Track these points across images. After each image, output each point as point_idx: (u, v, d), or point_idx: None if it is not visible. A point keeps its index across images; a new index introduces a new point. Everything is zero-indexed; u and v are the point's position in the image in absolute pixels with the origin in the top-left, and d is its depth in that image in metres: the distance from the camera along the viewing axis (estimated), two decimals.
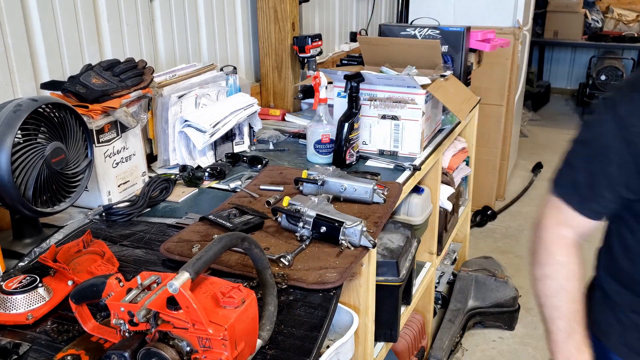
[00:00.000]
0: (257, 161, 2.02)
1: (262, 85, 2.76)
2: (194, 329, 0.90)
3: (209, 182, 1.88)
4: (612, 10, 7.04)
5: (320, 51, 2.71)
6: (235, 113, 2.05)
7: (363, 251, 1.40)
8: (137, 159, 1.79)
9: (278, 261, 1.33)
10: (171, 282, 0.88)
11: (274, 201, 1.64)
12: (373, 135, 2.12)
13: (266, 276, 1.12)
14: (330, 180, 1.64)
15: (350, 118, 1.95)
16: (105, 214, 1.59)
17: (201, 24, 2.40)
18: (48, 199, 1.40)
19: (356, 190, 1.62)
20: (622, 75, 6.38)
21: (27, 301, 1.15)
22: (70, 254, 1.30)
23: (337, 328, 1.43)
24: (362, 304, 1.53)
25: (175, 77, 2.00)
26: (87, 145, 1.51)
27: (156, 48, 2.18)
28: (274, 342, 1.08)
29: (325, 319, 1.16)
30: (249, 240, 1.07)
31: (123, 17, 1.98)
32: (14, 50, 1.61)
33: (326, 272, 1.29)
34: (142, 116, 1.77)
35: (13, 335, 1.11)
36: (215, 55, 2.50)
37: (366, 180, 1.66)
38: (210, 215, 1.54)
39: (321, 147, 2.04)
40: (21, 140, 1.32)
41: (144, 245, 1.46)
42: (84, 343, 1.06)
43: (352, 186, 1.62)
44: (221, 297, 0.94)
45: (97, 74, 1.63)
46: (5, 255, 1.36)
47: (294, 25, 2.64)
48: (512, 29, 3.85)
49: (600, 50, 6.94)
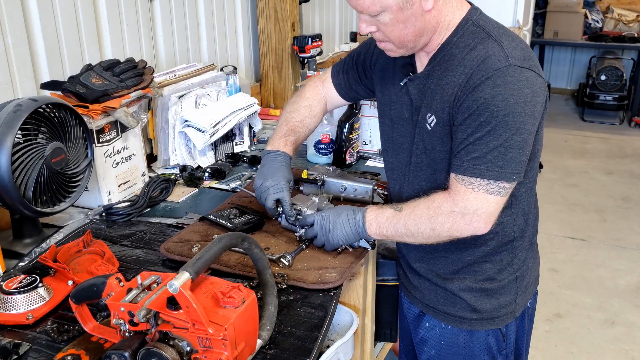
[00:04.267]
0: (257, 161, 2.01)
1: (262, 85, 2.76)
2: (194, 328, 0.90)
3: (209, 182, 1.88)
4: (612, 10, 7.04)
5: (321, 51, 2.71)
6: (235, 113, 2.05)
7: (363, 251, 1.40)
8: (137, 159, 1.79)
9: (278, 261, 1.33)
10: (171, 282, 0.88)
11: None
12: (373, 135, 2.12)
13: (266, 276, 1.12)
14: (330, 180, 1.64)
15: (350, 118, 1.95)
16: (105, 214, 1.60)
17: (201, 24, 2.40)
18: (48, 199, 1.40)
19: (356, 190, 1.62)
20: (622, 75, 6.38)
21: (27, 301, 1.15)
22: (71, 254, 1.30)
23: (337, 328, 1.43)
24: (362, 304, 1.53)
25: (175, 77, 2.00)
26: (87, 145, 1.51)
27: (156, 48, 2.18)
28: (274, 342, 1.08)
29: (325, 319, 1.16)
30: (249, 240, 1.07)
31: (123, 17, 1.98)
32: (14, 50, 1.61)
33: (326, 272, 1.29)
34: (142, 116, 1.77)
35: (13, 335, 1.11)
36: (215, 55, 2.50)
37: (366, 180, 1.66)
38: (210, 215, 1.54)
39: (321, 147, 2.03)
40: (21, 141, 1.32)
41: (144, 245, 1.46)
42: (84, 343, 1.06)
43: (352, 186, 1.62)
44: (221, 297, 0.94)
45: (97, 74, 1.63)
46: (5, 255, 1.36)
47: (294, 25, 2.64)
48: (512, 28, 3.84)
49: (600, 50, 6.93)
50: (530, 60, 1.18)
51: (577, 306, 3.19)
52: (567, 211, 4.35)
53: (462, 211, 1.21)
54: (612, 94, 6.40)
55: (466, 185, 1.20)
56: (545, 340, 1.47)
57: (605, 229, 4.08)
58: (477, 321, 1.39)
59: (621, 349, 2.85)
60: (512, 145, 1.16)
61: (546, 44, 7.04)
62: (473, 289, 1.37)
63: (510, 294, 1.38)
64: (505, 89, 1.13)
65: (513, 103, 1.13)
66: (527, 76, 1.15)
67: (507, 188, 1.21)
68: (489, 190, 1.19)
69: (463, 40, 1.22)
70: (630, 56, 6.71)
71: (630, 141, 5.96)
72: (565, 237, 3.95)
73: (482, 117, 1.15)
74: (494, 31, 1.21)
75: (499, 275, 1.37)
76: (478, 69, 1.16)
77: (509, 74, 1.14)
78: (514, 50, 1.17)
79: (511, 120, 1.14)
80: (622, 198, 4.60)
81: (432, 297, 1.43)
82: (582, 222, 4.20)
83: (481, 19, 1.24)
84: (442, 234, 1.24)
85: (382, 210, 1.31)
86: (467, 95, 1.17)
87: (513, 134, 1.15)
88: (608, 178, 5.01)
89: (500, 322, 1.39)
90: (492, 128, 1.15)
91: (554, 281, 3.41)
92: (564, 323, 3.04)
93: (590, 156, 5.53)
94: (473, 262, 1.36)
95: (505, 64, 1.15)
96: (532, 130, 1.18)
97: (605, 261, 3.66)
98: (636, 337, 2.94)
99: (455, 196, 1.22)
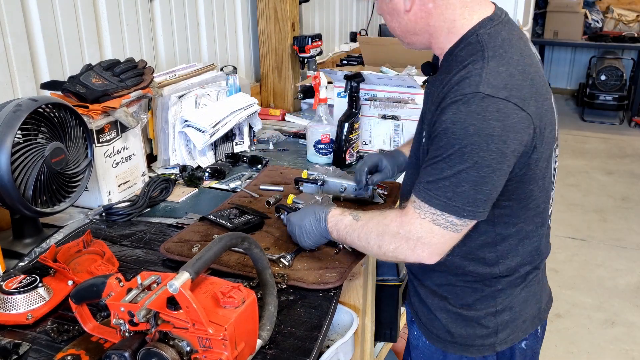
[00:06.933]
0: (257, 161, 2.02)
1: (262, 85, 2.76)
2: (194, 329, 0.90)
3: (209, 182, 1.88)
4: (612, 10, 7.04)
5: (320, 51, 2.71)
6: (235, 113, 2.05)
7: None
8: (137, 159, 1.79)
9: (278, 261, 1.33)
10: (171, 282, 0.88)
11: (275, 201, 1.64)
12: (373, 135, 2.12)
13: (266, 276, 1.12)
14: (330, 180, 1.64)
15: (350, 118, 1.95)
16: (105, 214, 1.59)
17: (201, 24, 2.40)
18: (48, 199, 1.40)
19: (356, 190, 1.62)
20: (622, 75, 6.38)
21: (27, 301, 1.15)
22: (70, 254, 1.30)
23: (337, 328, 1.43)
24: (362, 304, 1.53)
25: (175, 77, 2.00)
26: (87, 145, 1.51)
27: (156, 48, 2.18)
28: (274, 342, 1.08)
29: (325, 319, 1.16)
30: (249, 240, 1.07)
31: (123, 17, 1.98)
32: (14, 50, 1.61)
33: (326, 272, 1.29)
34: (142, 116, 1.77)
35: (13, 335, 1.11)
36: (215, 55, 2.50)
37: None
38: (210, 215, 1.54)
39: (321, 147, 2.03)
40: (21, 140, 1.32)
41: (144, 245, 1.46)
42: (84, 343, 1.06)
43: (352, 186, 1.62)
44: (221, 297, 0.94)
45: (97, 74, 1.63)
46: (5, 255, 1.36)
47: (294, 25, 2.64)
48: None
49: (600, 50, 6.93)
50: (515, 90, 1.05)
51: (577, 306, 3.19)
52: (567, 211, 4.35)
53: (406, 235, 1.13)
54: (612, 94, 6.40)
55: (415, 208, 1.12)
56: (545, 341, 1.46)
57: (605, 229, 4.08)
58: (450, 344, 1.32)
59: (621, 349, 2.85)
60: (465, 179, 1.05)
61: (546, 44, 7.04)
62: (449, 311, 1.30)
63: (487, 327, 1.28)
64: (467, 117, 1.03)
65: (473, 134, 1.03)
66: (499, 107, 1.03)
67: (456, 224, 1.10)
68: (435, 221, 1.10)
69: (462, 54, 1.12)
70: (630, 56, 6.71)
71: (630, 141, 5.97)
72: (565, 237, 3.95)
73: (441, 142, 1.07)
74: (490, 50, 1.09)
75: (476, 304, 1.28)
76: (451, 91, 1.08)
77: (475, 102, 1.03)
78: (496, 76, 1.05)
79: (469, 152, 1.03)
80: (622, 198, 4.60)
81: (418, 307, 1.38)
82: (582, 222, 4.20)
83: (489, 33, 1.12)
84: (387, 253, 1.17)
85: (342, 217, 1.27)
86: (438, 117, 1.09)
87: (469, 168, 1.04)
88: (608, 178, 5.01)
89: (475, 351, 1.30)
90: (447, 155, 1.06)
91: (554, 281, 3.40)
92: (564, 323, 3.05)
93: (590, 156, 5.53)
94: (454, 283, 1.29)
95: (474, 90, 1.04)
96: (496, 168, 1.05)
97: (605, 261, 3.66)
98: (636, 337, 2.94)
99: (403, 217, 1.14)
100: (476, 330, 1.29)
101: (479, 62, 1.07)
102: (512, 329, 1.30)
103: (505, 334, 1.29)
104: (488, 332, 1.29)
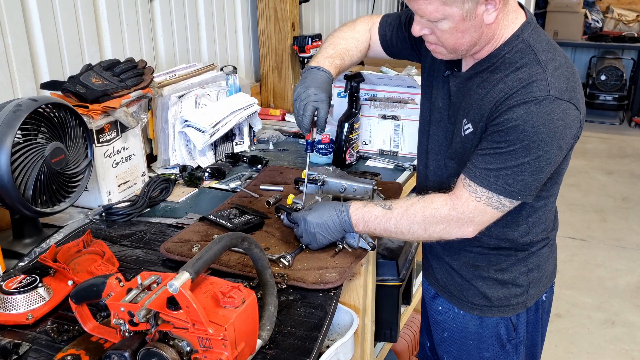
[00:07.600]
0: (257, 161, 2.02)
1: (262, 85, 2.76)
2: (194, 329, 0.90)
3: (209, 182, 1.88)
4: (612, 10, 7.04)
5: None
6: (235, 113, 2.04)
7: (363, 252, 1.40)
8: (137, 159, 1.79)
9: (278, 261, 1.33)
10: (171, 282, 0.88)
11: (275, 201, 1.64)
12: (373, 135, 2.12)
13: (266, 276, 1.12)
14: (330, 180, 1.64)
15: (350, 118, 1.95)
16: (105, 214, 1.59)
17: (201, 24, 2.40)
18: (48, 199, 1.40)
19: (356, 190, 1.62)
20: (622, 75, 6.39)
21: (27, 301, 1.15)
22: (70, 254, 1.30)
23: (337, 328, 1.43)
24: (362, 304, 1.53)
25: (175, 77, 2.00)
26: (87, 145, 1.51)
27: (156, 48, 2.18)
28: (274, 342, 1.08)
29: (325, 319, 1.16)
30: (249, 240, 1.07)
31: (123, 17, 1.98)
32: (14, 50, 1.61)
33: (326, 272, 1.29)
34: (142, 116, 1.77)
35: (13, 335, 1.11)
36: (215, 55, 2.50)
37: (366, 180, 1.65)
38: (210, 215, 1.54)
39: (321, 147, 2.03)
40: (21, 140, 1.32)
41: (144, 245, 1.46)
42: (84, 343, 1.06)
43: (352, 186, 1.62)
44: (221, 297, 0.94)
45: (97, 74, 1.63)
46: (5, 255, 1.36)
47: (294, 25, 2.64)
48: None
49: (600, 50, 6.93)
50: (572, 91, 1.18)
51: (577, 306, 3.19)
52: (567, 211, 4.35)
53: (458, 216, 1.24)
54: (612, 94, 6.40)
55: (470, 192, 1.22)
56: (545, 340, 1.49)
57: (605, 229, 4.08)
58: (488, 308, 1.43)
59: (621, 349, 2.85)
60: (527, 169, 1.18)
61: None
62: (485, 277, 1.42)
63: (521, 286, 1.42)
64: (539, 117, 1.15)
65: (542, 132, 1.15)
66: (564, 109, 1.16)
67: (507, 206, 1.23)
68: (490, 203, 1.22)
69: (510, 57, 1.22)
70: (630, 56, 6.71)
71: (630, 141, 5.97)
72: (565, 237, 3.95)
73: (509, 136, 1.17)
74: (542, 54, 1.20)
75: (511, 267, 1.41)
76: (518, 92, 1.17)
77: (546, 104, 1.15)
78: (558, 79, 1.17)
79: (535, 147, 1.16)
80: (622, 198, 4.60)
81: (447, 280, 1.48)
82: (582, 222, 4.20)
83: (532, 37, 1.23)
84: (433, 235, 1.28)
85: (369, 209, 1.32)
86: (502, 113, 1.18)
87: (532, 160, 1.17)
88: (608, 178, 5.01)
89: (510, 311, 1.43)
90: (514, 149, 1.17)
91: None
92: (564, 323, 3.05)
93: (590, 156, 5.53)
94: (488, 253, 1.40)
95: (545, 93, 1.15)
96: (553, 159, 1.20)
97: (605, 261, 3.66)
98: (636, 337, 2.94)
99: (456, 200, 1.24)
100: (511, 290, 1.42)
101: (536, 67, 1.18)
102: (539, 285, 1.45)
103: (534, 290, 1.44)
104: (522, 290, 1.42)
